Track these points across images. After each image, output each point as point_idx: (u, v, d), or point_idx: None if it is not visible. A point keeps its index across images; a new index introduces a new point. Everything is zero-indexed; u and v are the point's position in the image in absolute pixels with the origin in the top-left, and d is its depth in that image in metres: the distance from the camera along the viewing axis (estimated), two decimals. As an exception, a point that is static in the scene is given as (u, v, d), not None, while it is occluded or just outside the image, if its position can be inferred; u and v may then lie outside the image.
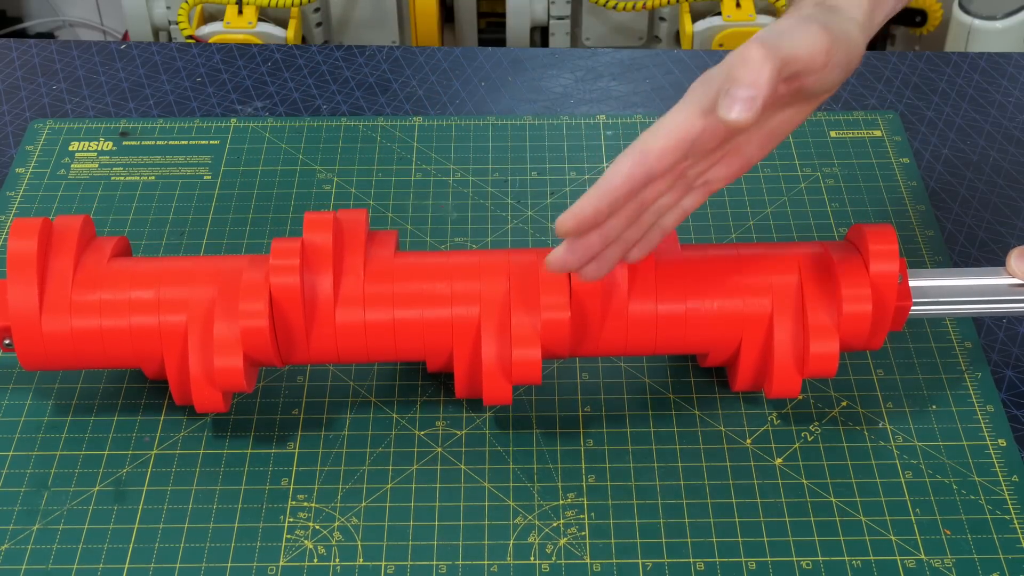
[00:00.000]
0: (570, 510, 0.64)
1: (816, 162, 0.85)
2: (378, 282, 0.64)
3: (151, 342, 0.63)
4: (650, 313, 0.64)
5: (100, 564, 0.62)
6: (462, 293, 0.64)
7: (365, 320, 0.63)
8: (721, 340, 0.65)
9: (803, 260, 0.64)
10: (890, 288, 0.63)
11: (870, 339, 0.64)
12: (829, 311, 0.63)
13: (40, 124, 0.89)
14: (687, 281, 0.64)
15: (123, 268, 0.65)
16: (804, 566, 0.61)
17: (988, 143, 0.88)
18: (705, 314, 0.64)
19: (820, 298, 0.63)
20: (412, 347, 0.64)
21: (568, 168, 0.85)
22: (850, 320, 0.62)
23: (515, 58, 0.98)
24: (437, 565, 0.62)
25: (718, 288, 0.64)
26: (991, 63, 0.95)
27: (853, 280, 0.62)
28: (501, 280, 0.64)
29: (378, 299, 0.63)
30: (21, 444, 0.67)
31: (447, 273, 0.64)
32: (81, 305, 0.63)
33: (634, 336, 0.64)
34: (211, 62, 0.96)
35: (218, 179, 0.84)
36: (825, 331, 0.62)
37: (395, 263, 0.65)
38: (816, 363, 0.62)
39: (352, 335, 0.64)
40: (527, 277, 0.63)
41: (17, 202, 0.82)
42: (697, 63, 0.96)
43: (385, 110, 0.91)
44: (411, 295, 0.64)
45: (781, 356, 0.63)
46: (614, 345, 0.65)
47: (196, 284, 0.63)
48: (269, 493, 0.65)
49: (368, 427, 0.68)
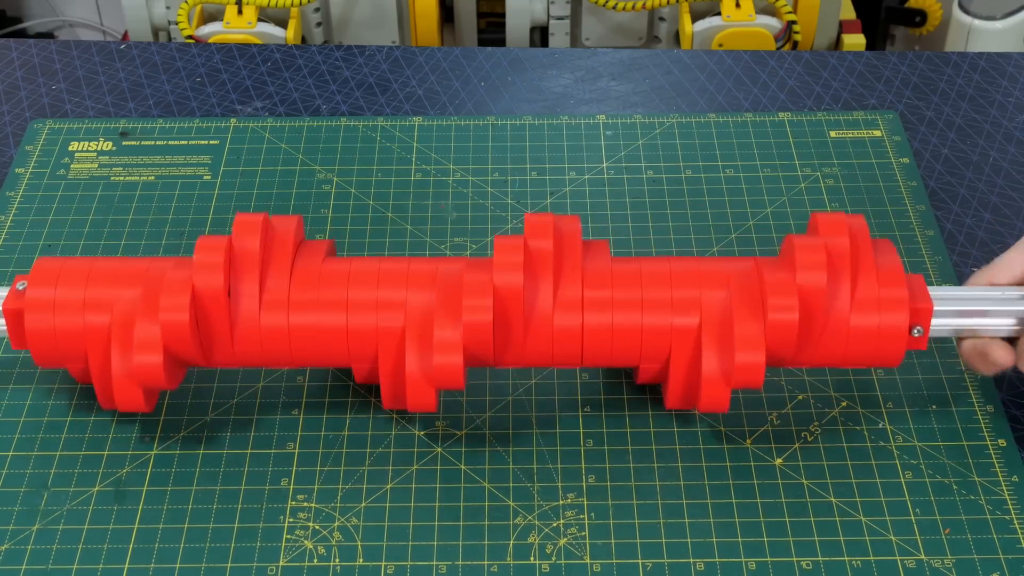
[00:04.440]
0: (570, 510, 0.64)
1: (816, 162, 0.85)
2: (304, 287, 0.63)
3: (76, 342, 0.63)
4: (575, 325, 0.63)
5: (100, 564, 0.62)
6: (387, 301, 0.63)
7: (289, 324, 0.63)
8: (649, 354, 0.64)
9: (732, 275, 0.63)
10: (819, 298, 0.62)
11: (884, 356, 0.63)
12: (755, 321, 0.61)
13: (40, 124, 0.89)
14: (615, 293, 0.63)
15: (51, 265, 0.64)
16: (804, 566, 0.61)
17: (988, 143, 0.88)
18: (631, 327, 0.63)
19: (747, 310, 0.62)
20: (337, 353, 0.64)
21: (568, 168, 0.85)
22: (776, 329, 0.61)
23: (515, 58, 0.98)
24: (437, 565, 0.62)
25: (646, 301, 0.63)
26: (991, 63, 0.95)
27: (779, 291, 0.61)
28: (427, 288, 0.63)
29: (303, 304, 0.63)
30: (21, 444, 0.67)
31: (374, 280, 0.64)
32: None
33: (560, 347, 0.63)
34: (211, 62, 0.96)
35: (218, 179, 0.84)
36: (751, 341, 0.61)
37: (323, 268, 0.64)
38: (741, 374, 0.61)
39: (277, 339, 0.63)
40: (452, 284, 0.63)
41: (17, 202, 0.82)
42: (697, 63, 0.96)
43: (385, 110, 0.91)
44: (336, 301, 0.63)
45: (708, 368, 0.62)
46: (540, 355, 0.64)
47: (122, 285, 0.63)
48: (269, 493, 0.65)
49: (368, 427, 0.68)
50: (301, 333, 0.63)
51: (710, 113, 0.90)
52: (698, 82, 0.94)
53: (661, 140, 0.88)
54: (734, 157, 0.86)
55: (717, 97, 0.93)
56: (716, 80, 0.94)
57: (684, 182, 0.84)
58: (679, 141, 0.87)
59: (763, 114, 0.90)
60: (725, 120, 0.89)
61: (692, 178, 0.84)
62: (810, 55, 0.97)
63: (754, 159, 0.86)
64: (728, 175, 0.84)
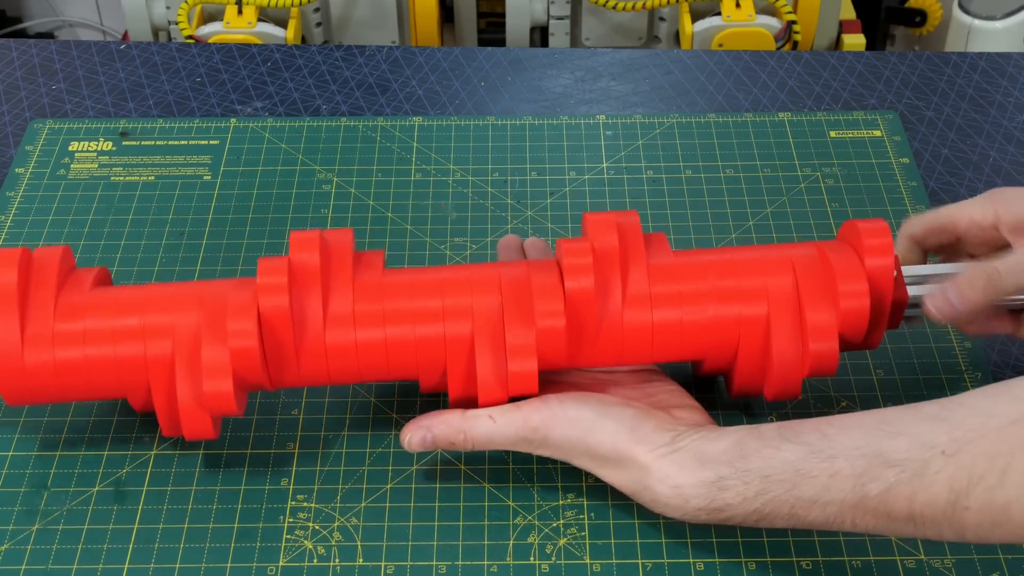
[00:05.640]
0: (570, 510, 0.64)
1: (816, 162, 0.85)
2: (368, 300, 0.63)
3: (137, 371, 0.62)
4: (645, 321, 0.63)
5: (100, 564, 0.62)
6: (454, 308, 0.63)
7: (356, 340, 0.62)
8: (718, 346, 0.64)
9: (797, 260, 0.64)
10: (886, 282, 0.63)
11: (869, 336, 0.64)
12: (827, 309, 0.62)
13: (40, 124, 0.89)
14: (682, 287, 0.63)
15: (106, 297, 0.63)
16: (804, 566, 0.61)
17: (988, 143, 0.88)
18: (701, 320, 0.63)
19: (817, 296, 0.63)
20: (405, 365, 0.63)
21: (568, 168, 0.85)
22: (848, 316, 0.62)
23: (515, 58, 0.98)
24: (437, 565, 0.62)
25: (714, 293, 0.63)
26: (991, 63, 0.95)
27: (849, 276, 0.62)
28: (493, 294, 0.63)
29: (368, 318, 0.62)
30: (21, 444, 0.67)
31: (438, 289, 0.63)
32: (64, 335, 0.61)
33: (630, 345, 0.63)
34: (211, 62, 0.96)
35: (218, 179, 0.84)
36: (824, 329, 0.62)
37: (384, 281, 0.64)
38: (816, 361, 0.62)
39: (343, 356, 0.62)
40: (519, 288, 0.62)
41: (17, 202, 0.82)
42: (697, 63, 0.96)
43: (385, 110, 0.91)
44: (401, 312, 0.62)
45: (780, 357, 0.63)
46: (611, 354, 0.64)
47: (181, 310, 0.62)
48: (269, 493, 0.65)
49: (368, 427, 0.68)
50: (367, 348, 0.62)
51: (710, 113, 0.90)
52: (698, 82, 0.94)
53: (661, 140, 0.88)
54: (734, 157, 0.86)
55: (717, 97, 0.93)
56: (716, 80, 0.94)
57: (684, 182, 0.84)
58: (679, 141, 0.87)
59: (763, 114, 0.90)
60: (725, 120, 0.89)
61: (692, 178, 0.84)
62: (810, 55, 0.97)
63: (754, 159, 0.86)
64: (728, 175, 0.84)
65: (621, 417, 0.60)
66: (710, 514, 0.57)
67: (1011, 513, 0.51)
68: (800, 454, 0.56)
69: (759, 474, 0.56)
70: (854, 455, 0.54)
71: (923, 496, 0.53)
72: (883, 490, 0.53)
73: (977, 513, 0.52)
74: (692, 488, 0.57)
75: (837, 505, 0.55)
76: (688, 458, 0.58)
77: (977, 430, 0.52)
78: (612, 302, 0.63)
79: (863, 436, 0.55)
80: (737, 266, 0.64)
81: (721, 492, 0.57)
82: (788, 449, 0.56)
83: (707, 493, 0.57)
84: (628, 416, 0.60)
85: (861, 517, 0.55)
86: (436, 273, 0.64)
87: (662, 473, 0.58)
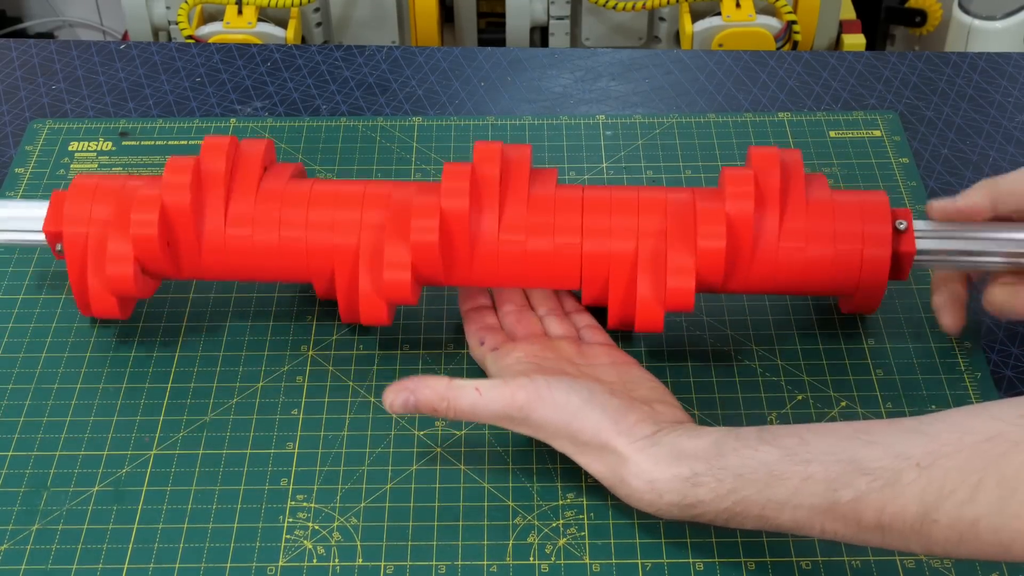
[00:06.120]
0: (569, 510, 0.64)
1: (815, 162, 0.85)
2: (267, 206, 0.68)
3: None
4: (518, 247, 0.67)
5: (99, 564, 0.62)
6: (343, 221, 0.68)
7: (254, 240, 0.68)
8: (590, 278, 0.68)
9: (670, 203, 0.67)
10: (746, 228, 0.66)
11: (863, 297, 0.69)
12: (686, 249, 0.66)
13: (39, 124, 0.89)
14: (557, 218, 0.67)
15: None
16: (804, 566, 0.61)
17: (988, 143, 0.88)
18: (572, 251, 0.67)
19: (678, 237, 0.66)
20: (296, 268, 0.69)
21: (568, 168, 0.85)
22: (704, 256, 0.65)
23: (515, 58, 0.98)
24: (436, 565, 0.62)
25: (586, 228, 0.67)
26: (991, 63, 0.95)
27: (709, 219, 0.66)
28: (380, 209, 0.68)
29: (266, 222, 0.68)
30: (20, 444, 0.67)
31: (331, 200, 0.69)
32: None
33: (504, 268, 0.68)
34: (211, 62, 0.96)
35: (218, 179, 0.84)
36: (681, 268, 0.65)
37: (286, 189, 0.69)
38: (673, 297, 0.65)
39: (241, 253, 0.68)
40: (403, 207, 0.67)
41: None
42: (697, 63, 0.96)
43: (385, 110, 0.91)
44: (296, 221, 0.68)
45: (642, 291, 0.66)
46: (487, 275, 0.68)
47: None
48: (268, 493, 0.65)
49: (367, 427, 0.68)
50: (263, 249, 0.67)
51: (710, 113, 0.90)
52: (698, 82, 0.94)
53: (661, 140, 0.88)
54: (734, 157, 0.86)
55: (717, 97, 0.93)
56: (716, 80, 0.94)
57: (684, 182, 0.84)
58: (679, 141, 0.87)
59: (763, 114, 0.90)
60: (725, 120, 0.89)
61: (692, 178, 0.84)
62: (810, 55, 0.97)
63: (754, 159, 0.86)
64: (728, 175, 0.84)
65: (606, 407, 0.60)
66: (683, 510, 0.58)
67: (979, 530, 0.51)
68: (776, 456, 0.56)
69: (733, 472, 0.56)
70: (829, 460, 0.55)
71: (893, 506, 0.53)
72: (854, 497, 0.54)
73: (946, 527, 0.52)
74: (666, 483, 0.57)
75: (807, 509, 0.55)
76: (665, 453, 0.58)
77: (952, 445, 0.53)
78: (487, 225, 0.67)
79: (840, 443, 0.55)
80: (613, 204, 0.68)
81: (695, 488, 0.57)
82: (765, 450, 0.56)
83: (681, 489, 0.57)
84: (613, 406, 0.60)
85: (831, 523, 0.55)
86: (335, 186, 0.71)
87: (638, 467, 0.58)
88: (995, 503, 0.51)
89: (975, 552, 0.52)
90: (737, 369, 0.71)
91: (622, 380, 0.65)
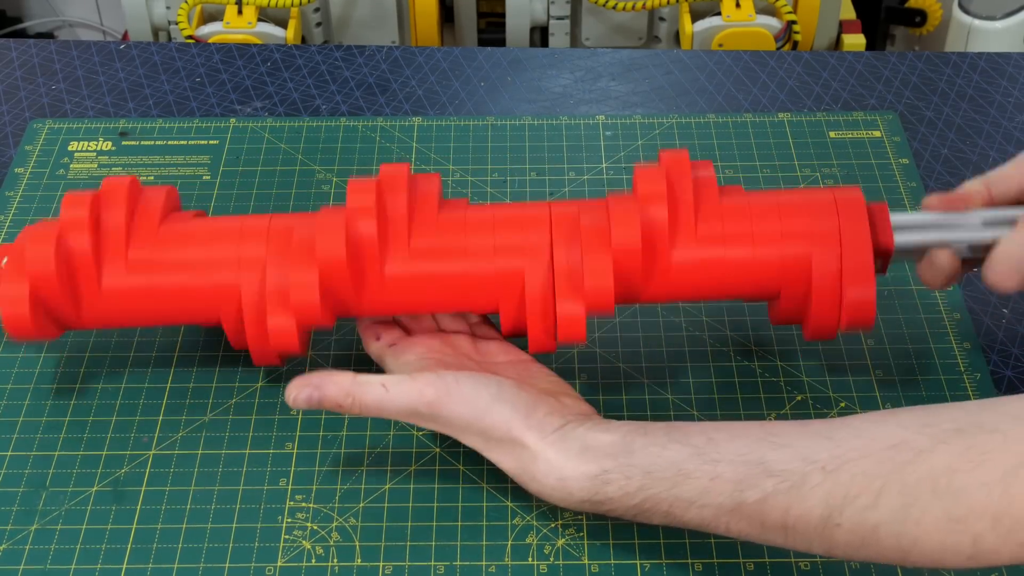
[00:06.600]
0: (568, 511, 0.64)
1: (815, 163, 0.85)
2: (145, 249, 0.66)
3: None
4: (420, 271, 0.64)
5: (98, 564, 0.62)
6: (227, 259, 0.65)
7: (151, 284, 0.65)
8: (505, 298, 0.65)
9: (583, 208, 0.65)
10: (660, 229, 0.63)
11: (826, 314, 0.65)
12: (602, 250, 0.63)
13: (39, 124, 0.89)
14: (441, 240, 0.65)
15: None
16: (802, 567, 0.61)
17: (988, 143, 0.88)
18: (471, 275, 0.65)
19: (594, 238, 0.63)
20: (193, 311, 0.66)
21: (567, 168, 0.85)
22: (618, 255, 0.63)
23: (515, 58, 0.98)
24: (435, 566, 0.62)
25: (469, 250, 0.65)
26: (991, 63, 0.95)
27: (622, 221, 0.63)
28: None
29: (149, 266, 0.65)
30: (19, 444, 0.67)
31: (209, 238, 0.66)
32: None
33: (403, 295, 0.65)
34: (210, 62, 0.96)
35: (217, 179, 0.84)
36: (599, 270, 0.63)
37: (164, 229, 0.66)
38: (591, 297, 0.63)
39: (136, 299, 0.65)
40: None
41: (16, 202, 0.82)
42: (697, 63, 0.96)
43: (384, 110, 0.91)
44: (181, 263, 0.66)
45: (561, 301, 0.64)
46: None
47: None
48: (267, 493, 0.65)
49: (366, 427, 0.68)
50: (158, 293, 0.65)
51: (710, 113, 0.90)
52: (698, 82, 0.94)
53: (661, 140, 0.88)
54: (734, 157, 0.86)
55: (717, 97, 0.93)
56: (716, 80, 0.94)
57: (683, 182, 0.84)
58: (679, 141, 0.87)
59: (763, 114, 0.90)
60: (725, 120, 0.89)
61: (691, 178, 0.84)
62: (810, 55, 0.97)
63: (753, 159, 0.86)
64: (727, 175, 0.84)
65: (515, 401, 0.60)
66: (594, 506, 0.58)
67: (880, 535, 0.52)
68: (684, 454, 0.56)
69: (642, 470, 0.56)
70: (738, 461, 0.55)
71: (798, 508, 0.53)
72: (760, 498, 0.54)
73: (848, 532, 0.52)
74: (575, 481, 0.57)
75: (714, 508, 0.55)
76: (575, 448, 0.58)
77: (859, 451, 0.53)
78: None
79: (749, 445, 0.55)
80: (526, 221, 0.65)
81: (604, 486, 0.57)
82: (673, 449, 0.56)
83: (591, 486, 0.57)
84: (522, 400, 0.60)
85: (736, 522, 0.55)
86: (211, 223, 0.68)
87: (548, 464, 0.58)
88: (897, 510, 0.51)
89: (875, 556, 0.53)
90: (736, 369, 0.71)
91: (521, 375, 0.64)
